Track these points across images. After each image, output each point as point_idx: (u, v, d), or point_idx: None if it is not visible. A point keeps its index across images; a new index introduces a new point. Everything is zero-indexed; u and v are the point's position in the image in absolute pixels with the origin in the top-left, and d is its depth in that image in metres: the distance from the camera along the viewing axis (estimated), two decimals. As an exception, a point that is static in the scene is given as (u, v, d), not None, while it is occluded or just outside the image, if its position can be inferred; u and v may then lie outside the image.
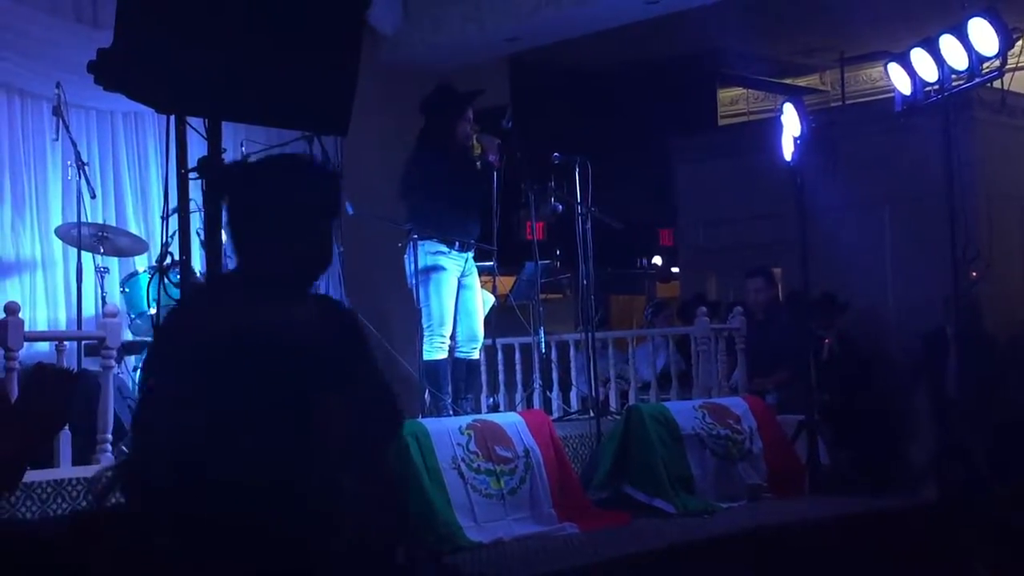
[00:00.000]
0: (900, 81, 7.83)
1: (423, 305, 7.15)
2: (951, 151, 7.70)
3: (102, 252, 7.80)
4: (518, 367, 8.73)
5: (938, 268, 7.95)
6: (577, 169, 7.54)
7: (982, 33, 7.12)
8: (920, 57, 7.57)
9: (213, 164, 3.91)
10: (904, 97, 7.86)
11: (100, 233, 7.74)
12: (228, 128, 8.63)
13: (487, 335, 7.70)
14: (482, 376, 8.25)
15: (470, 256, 7.38)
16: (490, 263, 7.75)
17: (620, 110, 13.57)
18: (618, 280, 15.09)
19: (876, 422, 9.30)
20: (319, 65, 4.03)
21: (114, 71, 3.88)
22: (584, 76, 13.61)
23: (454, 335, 7.47)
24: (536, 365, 8.22)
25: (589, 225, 7.60)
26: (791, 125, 8.19)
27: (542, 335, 7.90)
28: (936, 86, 7.55)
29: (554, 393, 8.39)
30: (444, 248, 7.15)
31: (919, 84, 7.67)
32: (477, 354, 7.64)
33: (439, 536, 5.54)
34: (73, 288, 7.75)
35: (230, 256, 7.44)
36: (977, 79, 7.31)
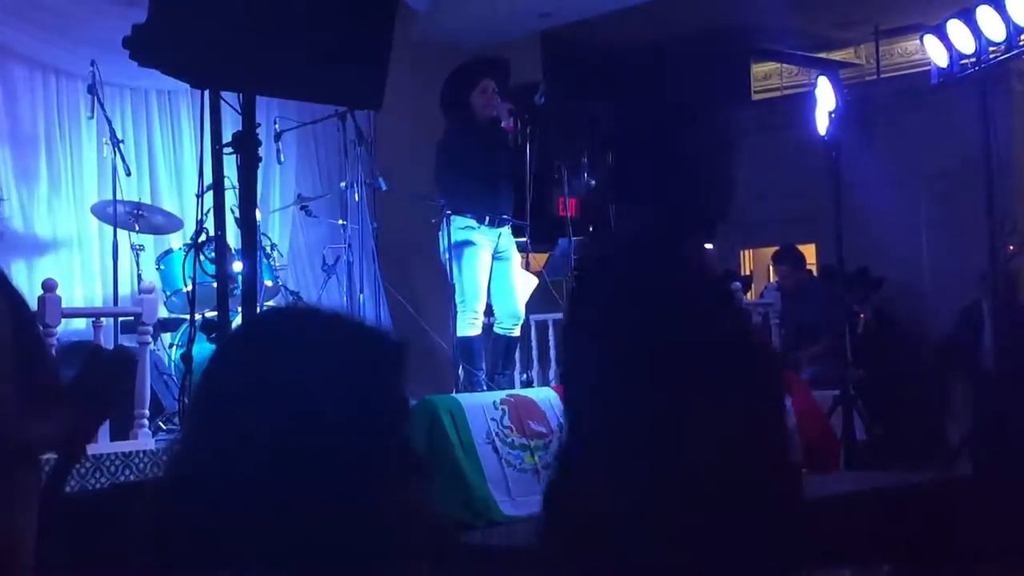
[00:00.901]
0: (936, 53, 7.77)
1: (456, 281, 7.15)
2: (988, 124, 7.64)
3: (137, 230, 7.86)
4: (551, 343, 8.73)
5: (974, 242, 7.89)
6: (610, 145, 7.52)
7: (1020, 3, 7.05)
8: (957, 29, 7.50)
9: (248, 139, 3.92)
10: (940, 70, 7.79)
11: (135, 211, 7.79)
12: (261, 104, 8.69)
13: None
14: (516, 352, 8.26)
15: (505, 231, 7.36)
16: (523, 239, 7.74)
17: (653, 85, 13.49)
18: (651, 256, 15.03)
19: (912, 397, 9.26)
20: (353, 39, 4.03)
21: (149, 47, 3.88)
22: (617, 52, 13.54)
23: (492, 311, 7.47)
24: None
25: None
26: (826, 99, 8.14)
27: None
28: (972, 58, 7.48)
29: (587, 369, 8.38)
30: (474, 223, 7.15)
31: (955, 56, 7.61)
32: (517, 331, 7.63)
33: (474, 510, 5.56)
34: (109, 266, 7.81)
35: (264, 232, 7.47)
36: (1015, 50, 7.23)
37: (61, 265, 8.40)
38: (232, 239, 6.29)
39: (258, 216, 8.30)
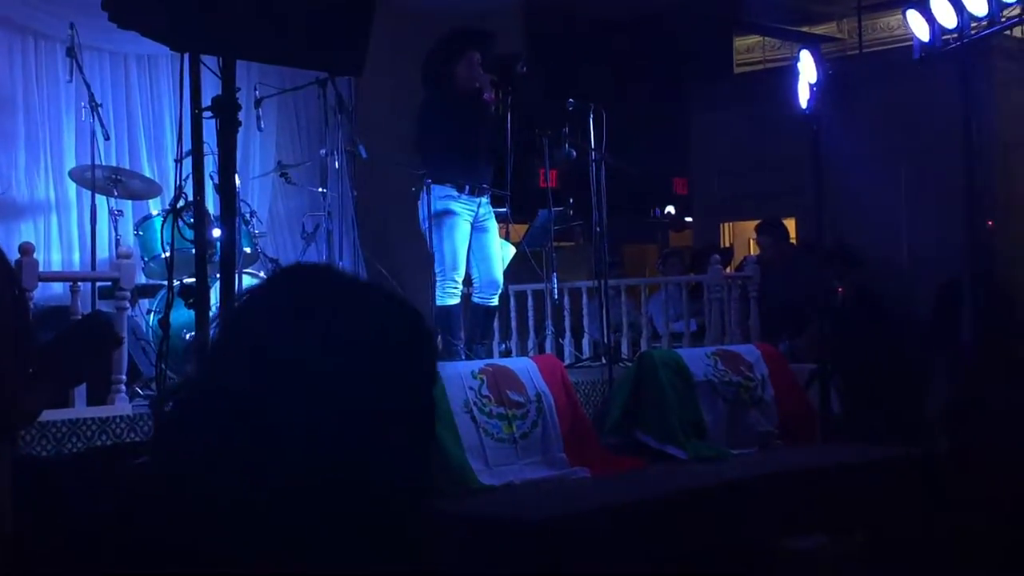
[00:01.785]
0: (919, 28, 7.76)
1: (435, 250, 7.14)
2: (969, 99, 7.64)
3: (116, 195, 7.81)
4: (531, 314, 8.74)
5: (953, 218, 7.91)
6: (591, 116, 7.52)
7: (1003, -21, 7.06)
8: (940, 3, 7.50)
9: (228, 103, 3.89)
10: (922, 44, 7.79)
11: (114, 176, 7.74)
12: (241, 70, 8.66)
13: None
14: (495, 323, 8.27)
15: (484, 201, 7.35)
16: (503, 209, 7.74)
17: (636, 58, 13.49)
18: (631, 229, 15.07)
19: (890, 372, 9.30)
20: (334, 5, 4.01)
21: (128, 9, 3.86)
22: (600, 23, 13.52)
23: (471, 280, 7.48)
24: (548, 312, 8.22)
25: (603, 172, 7.59)
26: (807, 72, 8.12)
27: (555, 281, 7.89)
28: (955, 33, 7.49)
29: (566, 340, 8.41)
30: (455, 192, 7.14)
31: (938, 31, 7.61)
32: (496, 300, 7.65)
33: (451, 478, 5.56)
34: (87, 231, 7.77)
35: (243, 199, 7.44)
36: (997, 25, 7.24)
37: (39, 230, 8.36)
38: (211, 205, 6.30)
39: (237, 183, 8.31)
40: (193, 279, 4.48)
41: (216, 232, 5.54)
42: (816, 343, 8.16)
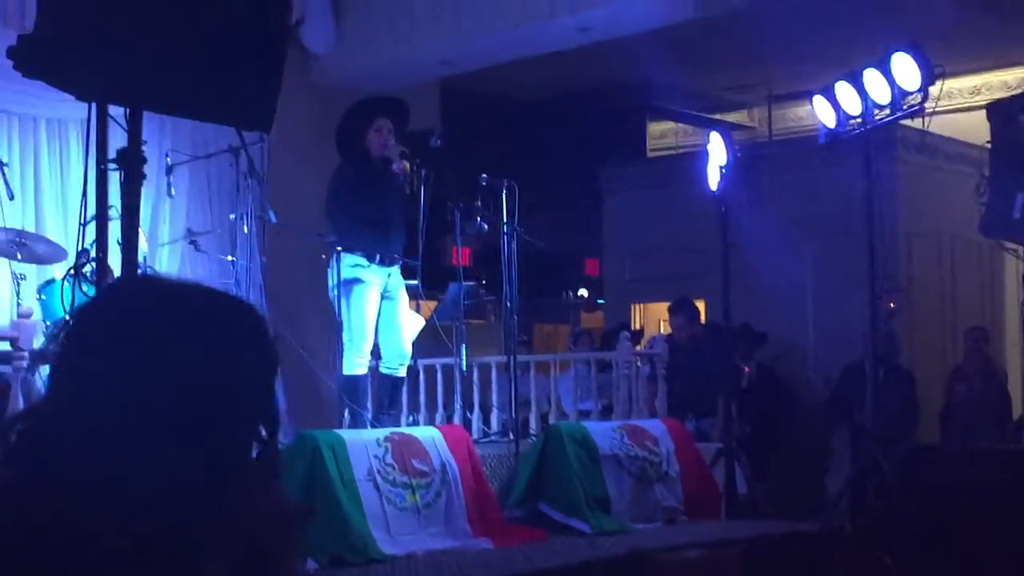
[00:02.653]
0: (825, 114, 7.96)
1: (343, 319, 7.10)
2: (872, 185, 7.82)
3: (19, 258, 7.68)
4: (439, 387, 8.70)
5: (858, 301, 8.04)
6: (504, 191, 7.58)
7: (905, 68, 7.26)
8: (844, 90, 7.70)
9: (133, 155, 3.86)
10: (828, 130, 7.98)
11: (18, 239, 7.62)
12: (154, 135, 8.62)
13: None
14: (403, 396, 8.21)
15: (395, 271, 7.35)
16: (415, 281, 7.73)
17: (551, 140, 13.64)
18: (544, 308, 15.14)
19: (793, 451, 9.39)
20: (244, 61, 4.00)
21: (34, 58, 3.82)
22: (516, 104, 13.68)
23: (379, 351, 7.44)
24: (457, 386, 8.19)
25: (514, 246, 7.63)
26: (717, 154, 8.28)
27: (464, 355, 7.87)
28: (859, 119, 7.68)
29: (475, 415, 8.36)
30: (364, 262, 7.13)
31: (843, 117, 7.80)
32: (403, 371, 7.63)
33: (352, 547, 5.49)
34: (-11, 294, 7.63)
35: (150, 266, 7.36)
36: (899, 112, 7.43)
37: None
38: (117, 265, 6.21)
39: (145, 247, 8.23)
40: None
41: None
42: (722, 422, 8.22)
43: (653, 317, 12.87)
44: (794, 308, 10.84)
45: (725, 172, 8.20)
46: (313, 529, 5.56)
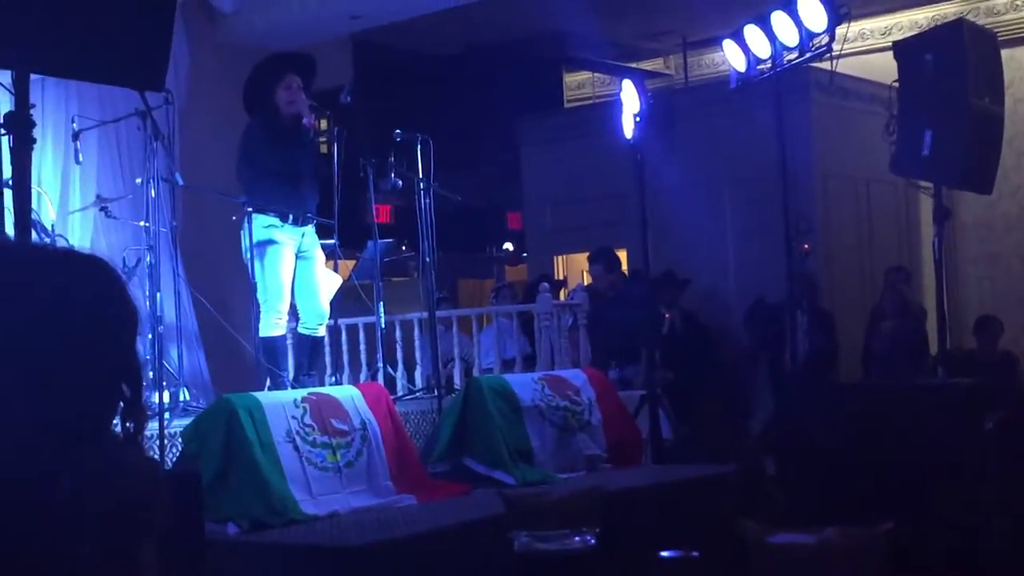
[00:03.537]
0: (735, 58, 7.98)
1: (258, 280, 7.03)
2: (784, 128, 7.84)
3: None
4: (362, 346, 8.65)
5: (776, 244, 8.09)
6: (419, 146, 7.52)
7: (812, 9, 7.28)
8: (753, 33, 7.71)
9: (21, 119, 3.76)
10: (739, 74, 8.00)
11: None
12: (59, 102, 8.46)
13: (330, 315, 7.62)
14: (326, 356, 8.16)
15: (309, 230, 7.28)
16: (332, 241, 7.66)
17: (466, 93, 13.57)
18: (468, 264, 15.12)
19: (716, 395, 9.46)
20: (132, 21, 3.91)
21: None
22: (430, 57, 13.57)
23: (297, 311, 7.38)
24: (380, 344, 8.15)
25: (430, 201, 7.58)
26: (631, 103, 8.27)
27: (382, 312, 7.83)
28: (769, 62, 7.70)
29: (399, 372, 8.33)
30: (277, 222, 7.04)
31: (753, 61, 7.82)
32: (322, 331, 7.57)
33: (272, 509, 5.44)
34: None
35: (60, 234, 7.22)
36: (808, 55, 7.46)
37: None
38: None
39: (54, 215, 8.07)
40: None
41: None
42: (646, 370, 8.26)
43: (576, 268, 12.89)
44: (715, 253, 10.91)
45: (639, 120, 8.20)
46: (234, 493, 5.53)
